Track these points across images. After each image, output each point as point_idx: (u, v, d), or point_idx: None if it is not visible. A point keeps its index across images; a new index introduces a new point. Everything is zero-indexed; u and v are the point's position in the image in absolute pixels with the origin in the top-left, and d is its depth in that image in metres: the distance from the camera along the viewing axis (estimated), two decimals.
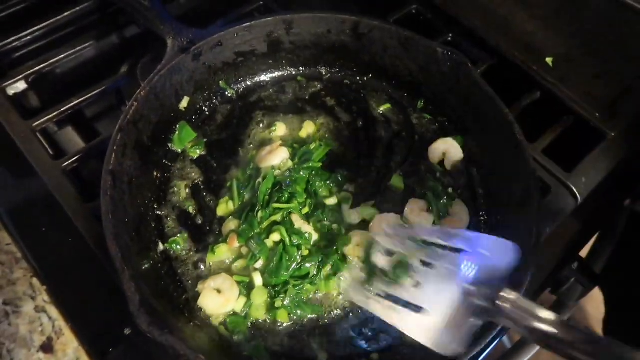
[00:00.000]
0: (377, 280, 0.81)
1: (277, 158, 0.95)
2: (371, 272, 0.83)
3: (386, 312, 0.75)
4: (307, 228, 0.88)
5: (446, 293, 0.68)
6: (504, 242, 0.68)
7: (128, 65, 1.16)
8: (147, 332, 0.68)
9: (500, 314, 0.64)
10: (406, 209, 0.93)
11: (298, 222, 0.88)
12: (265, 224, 0.88)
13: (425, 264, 0.74)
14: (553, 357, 0.61)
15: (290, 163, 0.95)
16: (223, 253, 0.87)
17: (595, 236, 1.51)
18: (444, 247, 0.73)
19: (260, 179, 0.92)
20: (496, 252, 0.67)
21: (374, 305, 0.77)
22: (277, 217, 0.88)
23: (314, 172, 0.94)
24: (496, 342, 0.69)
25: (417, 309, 0.71)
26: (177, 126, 0.98)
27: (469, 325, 0.68)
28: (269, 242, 0.86)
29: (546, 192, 1.00)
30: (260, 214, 0.88)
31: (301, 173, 0.93)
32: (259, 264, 0.86)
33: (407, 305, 0.73)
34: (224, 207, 0.93)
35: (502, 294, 0.64)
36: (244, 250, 0.87)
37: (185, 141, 0.98)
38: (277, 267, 0.83)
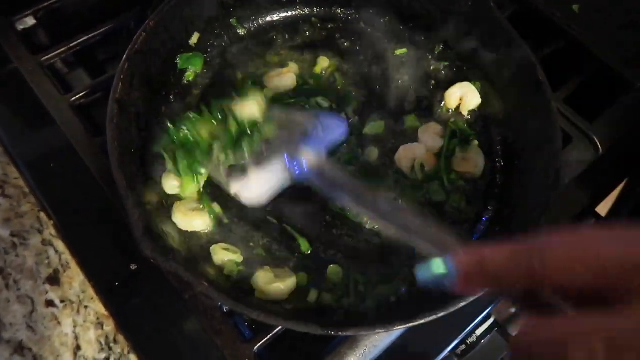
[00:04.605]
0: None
1: (285, 81, 0.93)
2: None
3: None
4: None
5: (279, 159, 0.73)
6: (337, 118, 0.79)
7: (140, 7, 1.13)
8: (151, 258, 0.67)
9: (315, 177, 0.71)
10: (421, 127, 0.92)
11: None
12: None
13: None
14: None
15: None
16: None
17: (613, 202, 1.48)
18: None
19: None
20: (328, 127, 0.76)
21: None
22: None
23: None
24: None
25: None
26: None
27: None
28: None
29: (567, 141, 0.96)
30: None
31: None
32: None
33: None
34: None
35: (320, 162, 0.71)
36: None
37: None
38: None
